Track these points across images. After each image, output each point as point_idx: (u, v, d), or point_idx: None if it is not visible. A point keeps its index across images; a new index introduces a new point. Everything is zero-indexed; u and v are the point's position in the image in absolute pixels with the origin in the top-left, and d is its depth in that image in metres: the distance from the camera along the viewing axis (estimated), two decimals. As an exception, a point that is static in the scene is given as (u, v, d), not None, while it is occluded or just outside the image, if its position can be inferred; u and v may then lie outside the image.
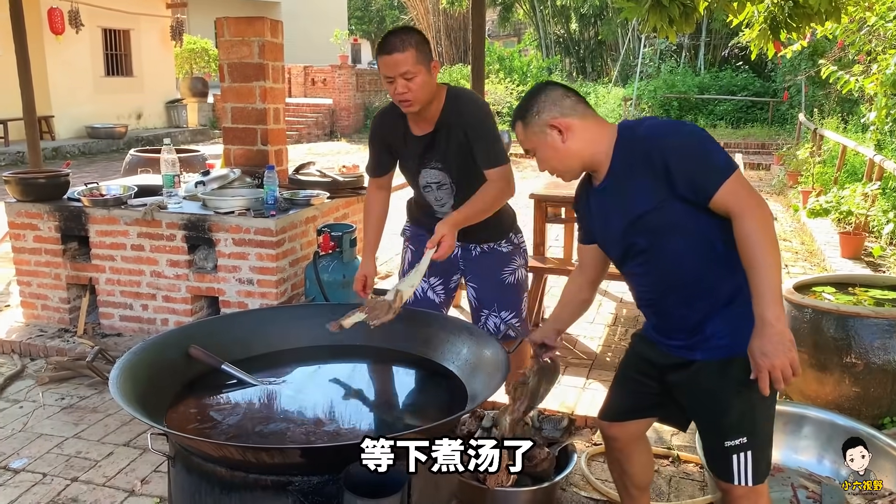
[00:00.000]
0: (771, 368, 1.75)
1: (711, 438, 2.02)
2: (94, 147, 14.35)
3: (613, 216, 1.96)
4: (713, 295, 1.92)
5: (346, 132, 18.25)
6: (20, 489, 2.86)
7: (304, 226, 4.14)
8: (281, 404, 1.99)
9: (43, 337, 4.27)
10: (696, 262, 1.90)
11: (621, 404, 2.25)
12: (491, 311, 2.91)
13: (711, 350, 1.93)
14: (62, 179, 4.39)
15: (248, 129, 4.51)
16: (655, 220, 1.88)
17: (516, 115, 2.01)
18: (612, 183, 1.95)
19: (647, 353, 2.13)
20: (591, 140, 1.94)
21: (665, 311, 2.02)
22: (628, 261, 2.00)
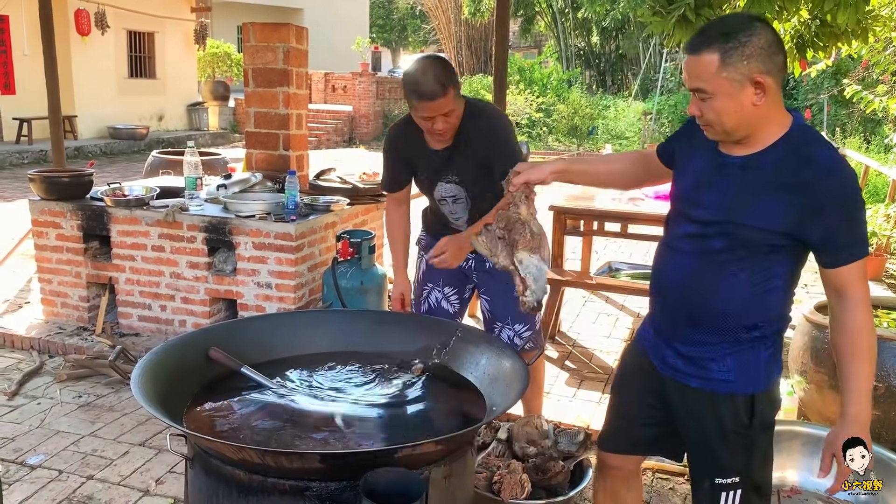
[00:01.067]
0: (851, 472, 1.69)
1: (701, 471, 1.90)
2: (115, 147, 14.48)
3: (723, 196, 1.71)
4: (742, 334, 1.77)
5: (364, 139, 18.32)
6: (36, 485, 2.88)
7: (323, 231, 4.16)
8: (299, 409, 1.99)
9: (62, 334, 4.31)
10: (746, 295, 1.74)
11: (628, 436, 2.08)
12: (504, 323, 2.90)
13: (711, 382, 1.81)
14: (86, 179, 4.44)
15: (271, 133, 4.54)
16: (756, 240, 1.68)
17: (714, 42, 1.60)
18: (744, 167, 1.69)
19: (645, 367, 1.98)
20: (774, 112, 1.66)
21: (679, 314, 1.84)
22: (688, 237, 1.78)
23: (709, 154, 1.78)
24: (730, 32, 1.60)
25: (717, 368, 1.80)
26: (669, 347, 1.88)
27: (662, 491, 2.98)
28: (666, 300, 1.87)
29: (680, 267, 1.81)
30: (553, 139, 17.60)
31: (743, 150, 1.70)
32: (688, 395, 1.86)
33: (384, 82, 19.88)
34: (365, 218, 4.67)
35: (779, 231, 1.65)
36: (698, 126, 1.77)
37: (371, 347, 2.35)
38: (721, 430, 1.82)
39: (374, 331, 2.40)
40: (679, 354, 1.85)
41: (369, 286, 3.83)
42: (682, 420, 1.90)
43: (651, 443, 2.09)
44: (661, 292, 1.88)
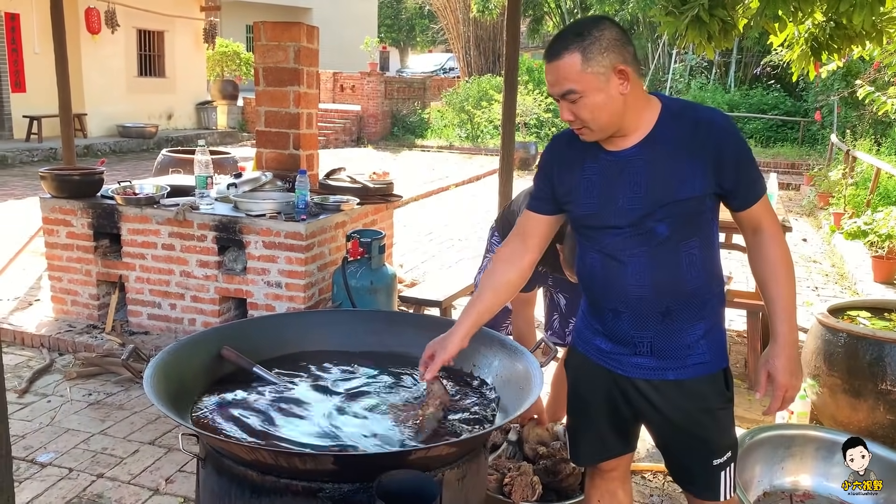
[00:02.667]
0: (789, 388, 1.78)
1: (695, 458, 1.91)
2: (124, 146, 14.52)
3: (637, 190, 1.74)
4: (705, 308, 1.83)
5: (372, 139, 18.32)
6: (46, 483, 2.88)
7: (333, 231, 4.15)
8: (312, 409, 1.98)
9: (72, 332, 4.31)
10: (702, 267, 1.80)
11: (609, 442, 2.04)
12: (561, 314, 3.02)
13: (689, 368, 1.83)
14: (96, 177, 4.44)
15: (281, 132, 4.53)
16: (691, 209, 1.74)
17: (571, 43, 1.67)
18: (646, 154, 1.74)
19: (599, 379, 1.95)
20: (641, 99, 1.74)
21: (646, 317, 1.81)
22: (632, 245, 1.78)
23: (596, 161, 1.80)
24: (582, 31, 1.68)
25: (692, 354, 1.84)
26: (639, 351, 1.85)
27: (673, 494, 2.96)
28: (632, 307, 1.82)
29: (640, 270, 1.79)
30: (561, 140, 17.56)
31: (627, 141, 1.76)
32: (667, 389, 1.86)
33: (392, 82, 19.88)
34: (375, 217, 4.67)
35: (706, 193, 1.73)
36: (565, 145, 1.87)
37: (383, 348, 2.34)
38: (709, 411, 1.86)
39: (385, 331, 2.39)
40: (651, 353, 1.84)
41: (379, 286, 3.82)
42: (661, 414, 1.88)
43: (632, 438, 2.08)
44: (624, 301, 1.82)
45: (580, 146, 1.82)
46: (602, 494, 2.15)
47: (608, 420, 2.00)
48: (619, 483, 2.14)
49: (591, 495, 2.18)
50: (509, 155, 5.08)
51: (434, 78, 23.22)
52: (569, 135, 1.87)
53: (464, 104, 17.94)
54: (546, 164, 1.93)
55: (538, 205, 1.95)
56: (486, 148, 16.84)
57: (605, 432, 2.03)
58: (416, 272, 6.22)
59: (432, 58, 32.02)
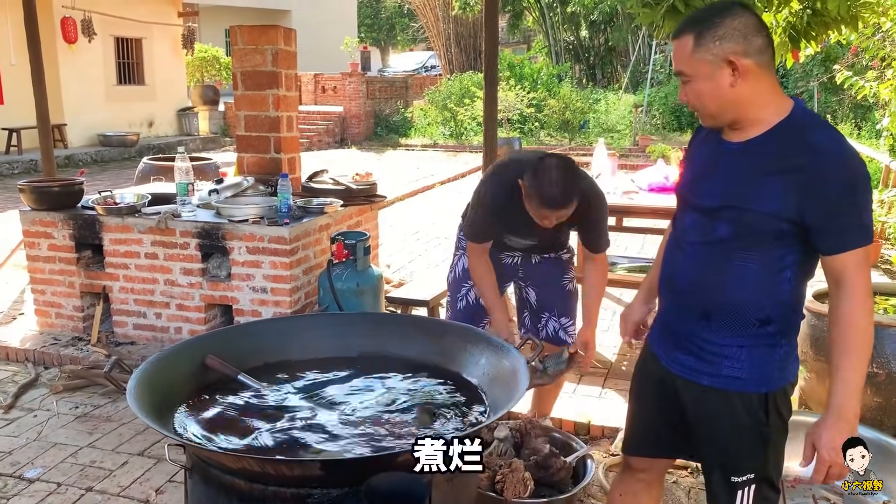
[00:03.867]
0: (833, 464, 1.66)
1: (716, 471, 1.87)
2: (105, 155, 14.41)
3: (723, 181, 1.71)
4: (753, 326, 1.73)
5: (356, 139, 18.28)
6: (35, 499, 2.85)
7: (317, 234, 4.13)
8: (298, 415, 1.97)
9: (57, 345, 4.27)
10: (755, 285, 1.71)
11: (652, 439, 2.03)
12: (551, 314, 2.98)
13: (722, 379, 1.77)
14: (76, 188, 4.41)
15: (262, 137, 4.51)
16: (760, 226, 1.66)
17: (690, 26, 1.64)
18: (747, 153, 1.68)
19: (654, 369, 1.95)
20: (762, 95, 1.65)
21: (686, 312, 1.81)
22: (695, 233, 1.77)
23: (712, 144, 1.80)
24: (705, 15, 1.64)
25: (729, 365, 1.77)
26: (681, 345, 1.85)
27: (666, 485, 2.96)
28: (677, 297, 1.83)
29: (690, 261, 1.79)
30: (545, 134, 17.58)
31: (741, 135, 1.71)
32: (699, 393, 1.82)
33: (374, 82, 19.83)
34: (359, 219, 4.65)
35: (781, 215, 1.63)
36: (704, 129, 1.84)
37: (370, 350, 2.33)
38: (735, 427, 1.79)
39: (372, 333, 2.38)
40: (691, 352, 1.82)
41: (365, 287, 3.81)
42: (693, 418, 1.87)
43: (674, 444, 2.03)
44: (672, 289, 1.85)
45: (710, 131, 1.81)
46: (625, 491, 2.15)
47: (654, 415, 1.99)
48: (645, 486, 2.12)
49: (615, 488, 2.20)
50: (492, 151, 5.06)
51: (416, 76, 23.17)
52: None
53: (446, 102, 17.92)
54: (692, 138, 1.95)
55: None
56: (471, 145, 16.83)
57: (652, 426, 2.01)
58: (403, 272, 6.20)
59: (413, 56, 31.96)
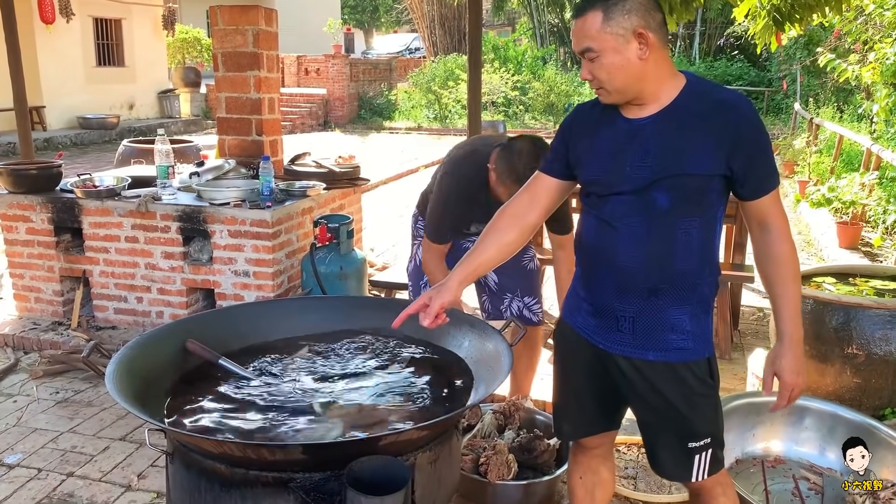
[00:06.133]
0: (794, 387, 1.78)
1: (670, 439, 1.88)
2: (86, 138, 14.24)
3: (644, 157, 1.72)
4: (694, 292, 1.79)
5: (339, 122, 18.17)
6: (15, 485, 2.82)
7: (300, 217, 4.10)
8: (280, 398, 1.95)
9: (36, 330, 4.22)
10: (697, 250, 1.77)
11: (594, 418, 2.03)
12: (514, 295, 2.97)
13: (670, 352, 1.80)
14: (54, 170, 4.34)
15: (243, 119, 4.46)
16: (696, 186, 1.71)
17: (595, 2, 1.68)
18: (661, 124, 1.72)
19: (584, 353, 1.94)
20: (665, 68, 1.72)
21: (631, 291, 1.79)
22: (631, 213, 1.76)
23: (613, 126, 1.80)
24: None
25: (675, 338, 1.80)
26: (620, 326, 1.84)
27: (647, 464, 2.98)
28: (618, 277, 1.80)
29: (631, 239, 1.77)
30: (529, 117, 17.56)
31: (649, 109, 1.74)
32: (646, 369, 1.84)
33: (358, 64, 19.70)
34: (342, 202, 4.62)
35: (714, 172, 1.70)
36: (587, 110, 1.88)
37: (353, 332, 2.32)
38: (688, 396, 1.83)
39: (355, 316, 2.36)
40: (634, 331, 1.82)
41: (349, 271, 3.79)
42: (640, 392, 1.87)
43: (616, 415, 2.07)
44: (613, 270, 1.81)
45: (600, 113, 1.83)
46: (584, 471, 2.15)
47: (592, 395, 2.00)
48: (601, 460, 2.14)
49: (574, 471, 2.18)
50: (476, 134, 5.05)
51: (400, 59, 23.03)
52: (593, 102, 1.88)
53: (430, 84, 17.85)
54: (565, 127, 1.93)
55: (550, 166, 1.94)
56: (455, 128, 16.79)
57: (589, 408, 2.02)
58: (387, 255, 6.18)
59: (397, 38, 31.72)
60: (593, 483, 2.15)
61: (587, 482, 2.15)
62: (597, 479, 2.15)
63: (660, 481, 2.88)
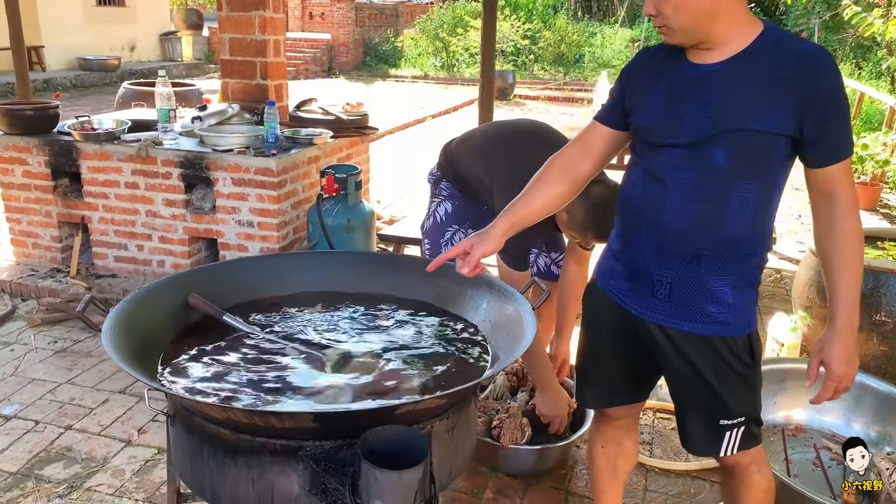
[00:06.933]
0: (844, 378, 1.62)
1: (700, 415, 1.77)
2: (86, 79, 13.95)
3: (706, 107, 1.56)
4: (741, 263, 1.64)
5: (344, 69, 17.80)
6: (12, 437, 2.74)
7: (306, 166, 3.95)
8: (288, 359, 1.84)
9: (34, 277, 4.11)
10: (751, 217, 1.60)
11: (620, 388, 1.94)
12: (540, 250, 2.84)
13: (707, 325, 1.67)
14: (51, 111, 4.17)
15: (247, 61, 4.27)
16: (759, 145, 1.54)
17: None
18: (729, 72, 1.55)
19: (615, 318, 1.81)
20: (737, 9, 1.55)
21: (672, 255, 1.65)
22: (683, 168, 1.60)
23: (676, 72, 1.63)
24: None
25: (715, 311, 1.66)
26: (655, 291, 1.71)
27: (664, 431, 2.90)
28: (661, 239, 1.65)
29: (679, 198, 1.61)
30: (539, 68, 17.18)
31: (718, 55, 1.57)
32: (680, 340, 1.71)
33: (364, 8, 19.21)
34: (349, 152, 4.46)
35: (782, 131, 1.53)
36: (650, 56, 1.71)
37: (364, 290, 2.19)
38: (724, 374, 1.71)
39: (366, 273, 2.24)
40: (670, 298, 1.69)
41: (356, 224, 3.66)
42: (671, 363, 1.76)
43: (650, 385, 1.97)
44: (656, 231, 1.66)
45: (665, 57, 1.66)
46: (607, 441, 2.05)
47: (620, 364, 1.88)
48: (625, 430, 2.04)
49: (595, 440, 2.08)
50: (489, 84, 4.85)
51: (407, 4, 22.47)
52: (658, 47, 1.71)
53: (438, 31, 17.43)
54: (625, 72, 1.77)
55: (604, 114, 1.80)
56: (463, 77, 16.45)
57: (617, 376, 1.91)
58: (393, 208, 6.04)
59: (404, -16, 30.93)
60: (616, 453, 2.05)
61: (609, 452, 2.05)
62: (619, 450, 2.05)
63: (676, 447, 2.80)
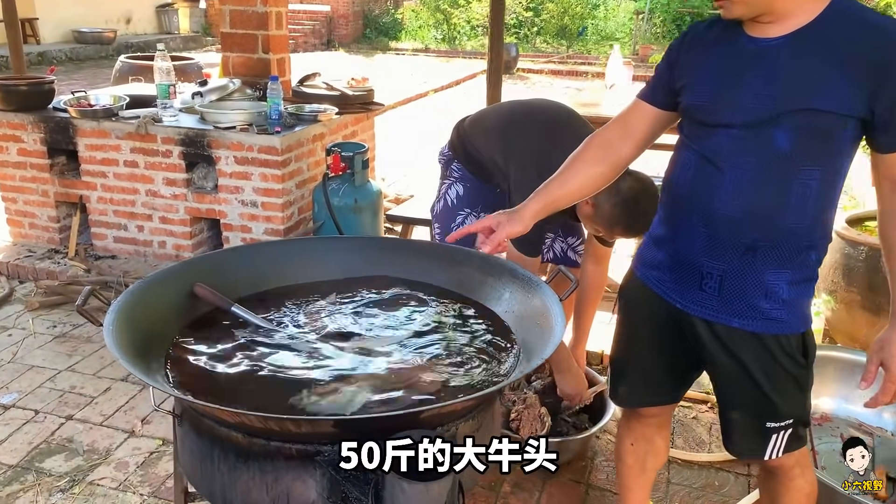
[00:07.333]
0: None
1: (746, 416, 1.67)
2: (81, 53, 13.71)
3: (767, 85, 1.43)
4: (799, 256, 1.52)
5: (343, 42, 17.52)
6: (10, 427, 2.65)
7: (311, 144, 3.82)
8: (301, 354, 1.73)
9: (32, 258, 4.00)
10: (813, 207, 1.48)
11: (658, 387, 1.84)
12: (556, 235, 2.72)
13: (759, 321, 1.56)
14: (46, 87, 4.03)
15: (248, 34, 4.12)
16: (825, 127, 1.41)
17: None
18: (794, 47, 1.42)
19: (656, 311, 1.71)
20: None
21: (725, 245, 1.53)
22: (741, 152, 1.47)
23: (732, 46, 1.49)
24: None
25: (768, 306, 1.55)
26: (704, 284, 1.59)
27: (685, 420, 2.81)
28: (715, 228, 1.53)
29: (736, 185, 1.48)
30: (541, 40, 16.92)
31: (780, 28, 1.44)
32: (728, 337, 1.60)
33: (363, -20, 18.87)
34: (355, 129, 4.33)
35: (851, 113, 1.40)
36: (703, 28, 1.58)
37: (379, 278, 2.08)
38: (774, 374, 1.60)
39: (381, 259, 2.12)
40: (719, 291, 1.57)
41: (364, 204, 3.54)
42: (717, 362, 1.65)
43: (688, 384, 1.87)
44: (711, 219, 1.53)
45: (720, 31, 1.53)
46: (637, 439, 1.95)
47: (659, 361, 1.78)
48: (657, 429, 1.94)
49: (624, 437, 1.98)
50: (498, 57, 4.68)
51: (407, -24, 22.09)
52: (711, 21, 1.58)
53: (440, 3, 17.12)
54: (674, 46, 1.63)
55: (649, 92, 1.67)
56: (465, 51, 16.19)
57: (655, 374, 1.81)
58: (398, 186, 5.91)
59: (404, -46, 30.43)
60: (645, 452, 1.95)
61: (639, 450, 1.96)
62: (650, 448, 1.95)
63: (699, 437, 2.71)
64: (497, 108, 2.84)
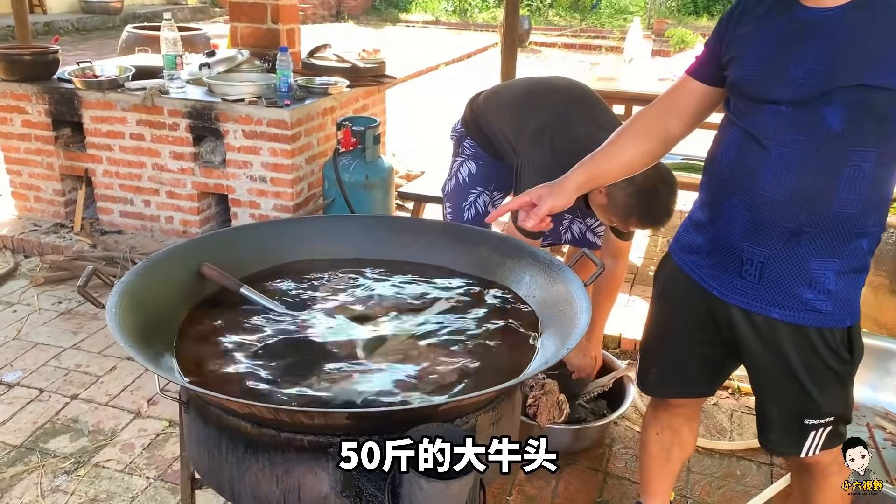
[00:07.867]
0: None
1: (784, 412, 1.60)
2: (88, 23, 13.56)
3: (820, 59, 1.33)
4: (849, 244, 1.42)
5: (353, 13, 17.27)
6: (14, 406, 2.59)
7: (321, 118, 3.72)
8: (313, 339, 1.65)
9: (37, 232, 3.93)
10: (866, 191, 1.38)
11: (690, 379, 1.77)
12: (574, 216, 2.61)
13: (802, 313, 1.47)
14: (50, 57, 3.94)
15: (258, 4, 4.00)
16: (882, 104, 1.31)
17: None
18: (851, 17, 1.32)
19: (692, 298, 1.63)
20: None
21: (769, 229, 1.43)
22: (789, 130, 1.38)
23: (784, 16, 1.38)
24: None
25: (811, 297, 1.45)
26: (744, 271, 1.50)
27: (706, 407, 2.73)
28: (759, 211, 1.44)
29: (782, 165, 1.38)
30: (553, 13, 16.65)
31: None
32: (767, 329, 1.51)
33: (373, -50, 18.56)
34: (366, 102, 4.22)
35: None
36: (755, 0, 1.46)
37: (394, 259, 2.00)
38: (816, 369, 1.51)
39: (396, 239, 2.03)
40: (760, 279, 1.48)
41: (375, 180, 3.45)
42: (755, 354, 1.57)
43: (722, 376, 1.79)
44: (754, 202, 1.43)
45: (771, 2, 1.43)
46: (663, 429, 1.88)
47: (693, 351, 1.69)
48: (685, 420, 1.86)
49: (650, 426, 1.91)
50: (513, 29, 4.56)
51: (417, -54, 21.74)
52: None
53: (450, -25, 16.85)
54: (723, 21, 1.53)
55: (698, 68, 1.57)
56: (476, 23, 15.95)
57: (688, 365, 1.73)
58: (408, 162, 5.80)
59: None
60: (671, 443, 1.88)
61: (664, 440, 1.88)
62: (676, 440, 1.87)
63: (720, 425, 2.63)
64: (513, 83, 2.73)
